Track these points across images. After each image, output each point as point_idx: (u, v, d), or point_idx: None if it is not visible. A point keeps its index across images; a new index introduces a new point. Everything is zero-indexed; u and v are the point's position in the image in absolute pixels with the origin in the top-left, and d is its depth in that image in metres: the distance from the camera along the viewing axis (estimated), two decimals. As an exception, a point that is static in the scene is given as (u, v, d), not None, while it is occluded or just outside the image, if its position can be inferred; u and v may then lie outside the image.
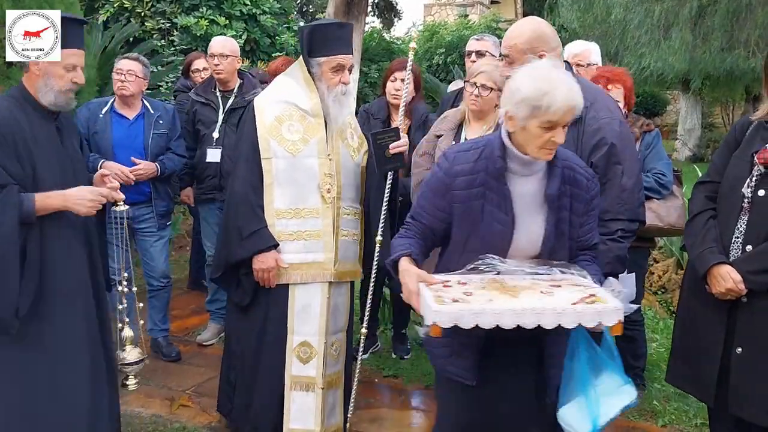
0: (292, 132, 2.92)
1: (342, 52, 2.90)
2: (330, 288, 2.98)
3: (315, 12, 20.57)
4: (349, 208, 3.04)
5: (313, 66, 2.93)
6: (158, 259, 4.15)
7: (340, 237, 2.99)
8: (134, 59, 3.98)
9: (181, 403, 3.65)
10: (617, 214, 2.43)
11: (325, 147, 2.94)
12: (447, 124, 3.60)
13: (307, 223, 2.91)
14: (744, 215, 2.36)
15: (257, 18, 8.11)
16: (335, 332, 3.05)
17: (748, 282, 2.29)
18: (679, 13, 12.92)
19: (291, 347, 2.97)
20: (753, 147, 2.38)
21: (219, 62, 4.26)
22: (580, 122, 2.44)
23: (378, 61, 13.19)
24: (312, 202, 2.91)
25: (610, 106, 2.55)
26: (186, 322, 4.88)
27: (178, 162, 4.07)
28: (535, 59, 2.25)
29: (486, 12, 19.44)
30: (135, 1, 7.74)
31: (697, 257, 2.44)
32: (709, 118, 20.03)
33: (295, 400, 2.97)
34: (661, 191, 3.47)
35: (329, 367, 3.02)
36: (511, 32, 2.57)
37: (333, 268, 2.96)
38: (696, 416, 3.50)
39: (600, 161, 2.40)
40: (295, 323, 2.96)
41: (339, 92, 2.92)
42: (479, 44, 4.19)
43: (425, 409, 3.71)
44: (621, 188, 2.42)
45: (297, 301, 2.95)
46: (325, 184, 2.92)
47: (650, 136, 3.62)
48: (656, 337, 4.55)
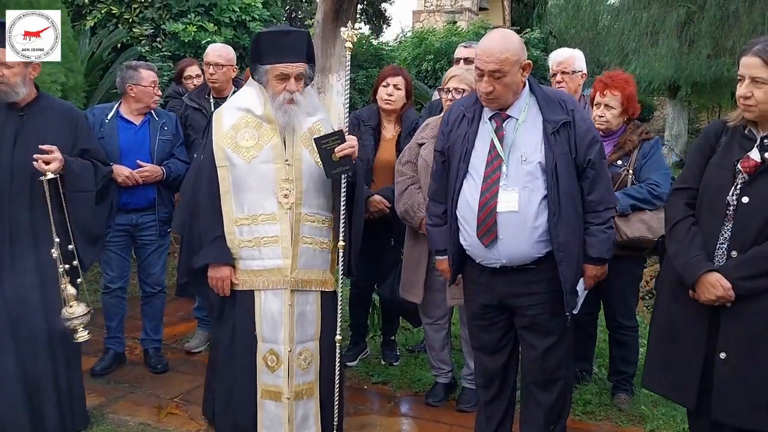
0: (247, 139, 2.91)
1: (286, 61, 2.86)
2: (293, 295, 2.93)
3: (304, 18, 20.57)
4: (313, 215, 2.98)
5: (260, 74, 2.93)
6: (155, 266, 4.15)
7: (301, 244, 2.93)
8: (152, 68, 4.08)
9: (168, 411, 3.63)
10: (609, 203, 2.77)
11: (282, 152, 2.91)
12: (429, 132, 3.60)
13: (264, 229, 2.89)
14: (728, 222, 2.37)
15: (246, 25, 8.09)
16: (303, 341, 2.98)
17: (738, 289, 2.30)
18: (666, 21, 13.02)
19: (261, 354, 2.95)
20: (733, 154, 2.40)
21: (214, 71, 4.29)
22: (570, 125, 2.66)
23: (367, 67, 13.19)
24: (268, 208, 2.89)
25: (580, 105, 2.97)
26: (174, 329, 4.86)
27: (182, 167, 4.06)
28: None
29: (474, 19, 19.46)
30: (123, 7, 7.69)
31: (685, 265, 2.44)
32: (695, 123, 20.14)
33: (266, 408, 2.95)
34: (654, 202, 3.43)
35: (297, 377, 2.96)
36: (496, 47, 2.60)
37: (290, 274, 2.92)
38: (684, 421, 3.50)
39: (596, 158, 2.70)
40: (264, 330, 2.94)
41: (282, 100, 2.87)
42: (467, 51, 4.22)
43: (414, 415, 3.71)
44: (607, 179, 2.79)
45: (262, 307, 2.93)
46: (282, 190, 2.89)
47: (648, 145, 3.57)
48: (644, 342, 4.54)
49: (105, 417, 3.54)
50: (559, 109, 2.68)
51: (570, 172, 2.66)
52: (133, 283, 4.79)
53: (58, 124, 3.15)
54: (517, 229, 2.65)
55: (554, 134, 2.64)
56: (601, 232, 2.71)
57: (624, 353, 3.81)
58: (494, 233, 2.67)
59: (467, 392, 3.74)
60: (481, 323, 2.94)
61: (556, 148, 2.63)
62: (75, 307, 3.08)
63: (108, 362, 4.10)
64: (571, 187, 2.66)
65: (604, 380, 4.02)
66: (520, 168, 2.65)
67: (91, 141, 3.32)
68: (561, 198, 2.61)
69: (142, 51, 7.46)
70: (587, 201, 2.71)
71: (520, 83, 2.70)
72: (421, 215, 3.48)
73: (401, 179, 3.63)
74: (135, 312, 4.55)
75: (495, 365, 2.97)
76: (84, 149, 3.22)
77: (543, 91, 2.76)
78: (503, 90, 2.64)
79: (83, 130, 3.27)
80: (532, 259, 2.70)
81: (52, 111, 3.17)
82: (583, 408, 3.71)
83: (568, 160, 2.65)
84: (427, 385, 3.96)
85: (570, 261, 2.67)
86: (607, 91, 3.55)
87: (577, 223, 2.69)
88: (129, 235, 4.04)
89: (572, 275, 2.70)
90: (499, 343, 2.93)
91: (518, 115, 2.71)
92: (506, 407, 3.03)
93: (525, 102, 2.72)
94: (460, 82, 3.49)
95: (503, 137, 2.70)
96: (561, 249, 2.64)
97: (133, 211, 3.98)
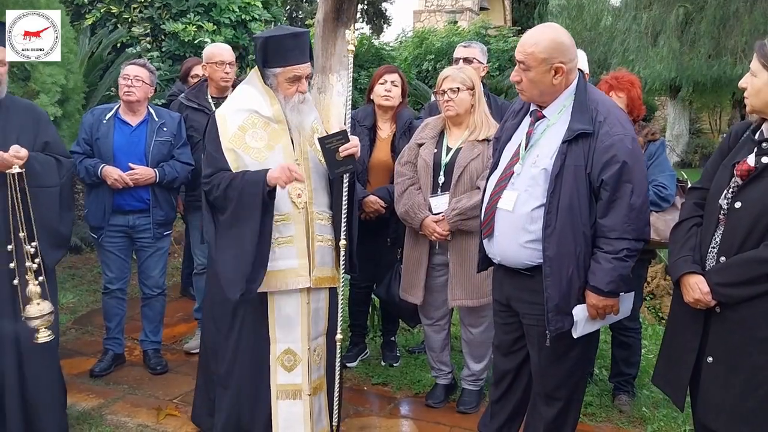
0: (257, 140, 2.89)
1: (297, 63, 2.86)
2: (309, 294, 2.96)
3: (305, 18, 20.59)
4: (322, 213, 3.00)
5: (268, 77, 2.91)
6: (153, 270, 4.13)
7: (316, 243, 2.95)
8: (141, 65, 3.99)
9: (167, 412, 3.61)
10: (624, 233, 2.45)
11: (292, 152, 2.91)
12: (428, 132, 3.61)
13: (280, 229, 2.88)
14: (720, 226, 2.34)
15: (246, 24, 8.09)
16: (316, 337, 3.03)
17: (716, 294, 2.27)
18: (666, 21, 13.01)
19: (274, 356, 2.94)
20: (739, 157, 2.36)
21: (230, 70, 4.29)
22: (592, 137, 2.47)
23: (368, 67, 13.17)
24: (284, 209, 2.88)
25: (623, 121, 2.56)
26: (174, 330, 4.84)
27: (182, 170, 4.00)
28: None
29: (475, 18, 19.46)
30: (122, 7, 7.69)
31: (672, 265, 2.44)
32: (696, 123, 20.19)
33: (283, 409, 2.94)
34: (661, 204, 3.43)
35: (313, 373, 3.00)
36: (528, 39, 2.54)
37: (309, 274, 2.92)
38: (685, 423, 3.50)
39: (611, 179, 2.43)
40: (277, 332, 2.93)
41: (296, 101, 2.89)
42: (466, 51, 4.20)
43: (414, 417, 3.69)
44: (630, 207, 2.45)
45: (277, 309, 2.93)
46: (296, 190, 2.89)
47: (654, 146, 3.57)
48: (645, 344, 4.55)
49: (104, 418, 3.52)
50: (588, 118, 2.49)
51: (579, 186, 2.47)
52: (134, 284, 4.78)
53: (23, 120, 3.07)
54: (507, 228, 2.61)
55: (569, 143, 2.48)
56: (607, 261, 2.45)
57: (626, 354, 3.80)
58: (491, 228, 2.67)
59: (467, 394, 3.73)
60: (499, 321, 2.91)
61: (569, 158, 2.47)
62: (38, 305, 2.84)
63: (107, 363, 4.08)
64: (574, 203, 2.47)
65: (605, 381, 4.00)
66: (529, 170, 2.59)
67: (51, 134, 3.19)
68: (559, 211, 2.47)
69: (141, 51, 7.44)
70: (599, 224, 2.49)
71: (551, 84, 2.54)
72: (422, 216, 3.46)
73: (401, 180, 3.62)
74: (135, 313, 4.54)
75: (506, 366, 2.93)
76: (45, 142, 3.10)
77: (584, 96, 2.57)
78: (529, 84, 2.57)
79: (44, 125, 3.16)
80: (525, 265, 2.62)
81: (15, 108, 3.08)
82: (584, 409, 3.68)
83: (579, 174, 2.47)
84: (427, 386, 3.95)
85: (557, 279, 2.49)
86: (612, 93, 3.55)
87: (574, 241, 2.48)
88: (127, 237, 4.01)
89: (558, 294, 2.50)
90: (513, 346, 2.87)
91: (551, 116, 2.61)
92: (512, 410, 2.97)
93: (562, 104, 2.60)
94: (453, 81, 3.47)
95: (531, 136, 2.65)
96: (548, 263, 2.50)
97: (129, 213, 3.94)
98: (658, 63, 13.17)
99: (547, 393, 2.75)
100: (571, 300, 2.52)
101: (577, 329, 2.56)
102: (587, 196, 2.48)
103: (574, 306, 2.53)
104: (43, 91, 4.77)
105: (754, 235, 2.23)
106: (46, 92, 4.78)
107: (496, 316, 2.94)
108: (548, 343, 2.58)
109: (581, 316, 2.54)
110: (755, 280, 2.20)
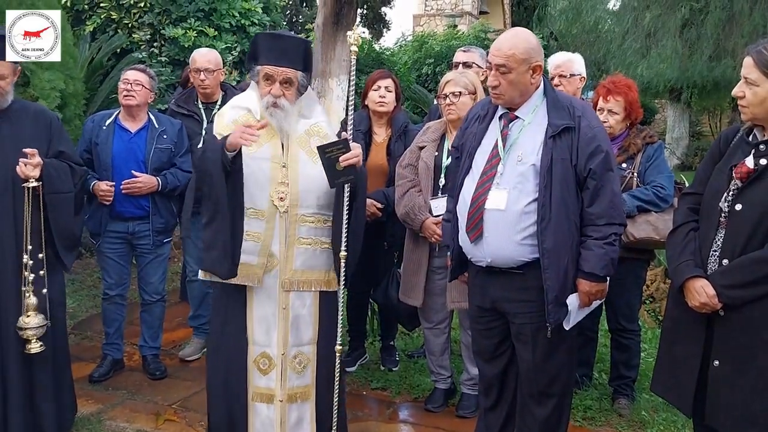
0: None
1: (276, 63, 2.83)
2: (287, 298, 2.90)
3: (304, 23, 20.61)
4: (313, 215, 2.94)
5: (253, 73, 2.96)
6: (154, 275, 4.12)
7: (297, 245, 2.90)
8: (141, 70, 3.99)
9: (166, 417, 3.61)
10: (611, 219, 2.61)
11: (280, 153, 2.89)
12: (430, 135, 3.64)
13: (251, 223, 2.85)
14: (721, 229, 2.35)
15: (246, 29, 8.10)
16: (298, 345, 2.94)
17: (722, 297, 2.28)
18: (667, 23, 13.01)
19: (252, 358, 2.92)
20: (733, 160, 2.38)
21: (205, 77, 4.23)
22: (574, 131, 2.60)
23: (368, 72, 13.19)
24: (259, 204, 2.86)
25: (596, 115, 2.79)
26: (173, 335, 4.84)
27: (183, 178, 3.94)
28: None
29: (475, 22, 19.47)
30: (122, 13, 7.70)
31: (674, 270, 2.45)
32: (696, 126, 20.16)
33: (258, 411, 2.92)
34: (660, 204, 3.47)
35: (291, 380, 2.93)
36: (504, 43, 2.63)
37: (263, 274, 2.86)
38: (684, 426, 3.49)
39: (598, 167, 2.58)
40: (255, 333, 2.91)
41: (266, 103, 2.85)
42: (466, 56, 4.22)
43: (414, 421, 3.69)
44: (613, 193, 2.62)
45: (254, 310, 2.91)
46: (278, 192, 2.86)
47: (652, 149, 3.61)
48: (645, 347, 4.54)
49: (102, 423, 3.52)
50: (566, 114, 2.63)
51: (567, 179, 2.58)
52: (133, 289, 4.78)
53: (33, 126, 3.09)
54: (501, 228, 2.62)
55: (554, 138, 2.58)
56: (599, 247, 2.58)
57: (625, 357, 3.80)
58: (480, 230, 2.67)
59: (467, 398, 3.72)
60: (478, 327, 2.92)
61: (555, 152, 2.58)
62: (31, 317, 2.97)
63: (106, 368, 4.08)
64: (565, 195, 2.57)
65: (604, 385, 4.00)
66: (515, 168, 2.63)
67: (65, 142, 3.24)
68: (552, 204, 2.55)
69: (142, 56, 7.46)
70: (587, 213, 2.61)
71: (529, 84, 2.65)
72: (422, 218, 3.47)
73: (402, 182, 3.63)
74: (134, 318, 4.54)
75: (492, 372, 2.93)
76: (60, 151, 3.15)
77: (555, 94, 2.73)
78: (508, 87, 2.62)
79: (57, 131, 3.20)
80: (518, 263, 2.65)
81: (26, 113, 3.11)
82: (584, 413, 3.69)
83: (566, 166, 2.58)
84: (426, 390, 3.95)
85: (556, 270, 2.58)
86: (610, 97, 3.58)
87: (568, 232, 2.59)
88: (127, 243, 4.00)
89: (557, 285, 2.59)
90: (496, 350, 2.89)
91: (525, 116, 2.69)
92: (505, 417, 2.96)
93: (534, 104, 2.69)
94: (456, 86, 3.50)
95: (507, 137, 2.70)
96: (547, 255, 2.57)
97: (129, 219, 3.94)
98: (659, 65, 13.15)
99: (540, 390, 2.77)
100: (566, 290, 2.62)
101: (570, 319, 2.66)
102: (574, 188, 2.61)
103: (568, 296, 2.62)
104: (42, 97, 4.77)
105: (757, 236, 2.25)
106: (44, 98, 4.79)
107: (474, 323, 2.95)
108: (549, 335, 2.65)
109: (574, 305, 2.64)
110: (761, 281, 2.22)
